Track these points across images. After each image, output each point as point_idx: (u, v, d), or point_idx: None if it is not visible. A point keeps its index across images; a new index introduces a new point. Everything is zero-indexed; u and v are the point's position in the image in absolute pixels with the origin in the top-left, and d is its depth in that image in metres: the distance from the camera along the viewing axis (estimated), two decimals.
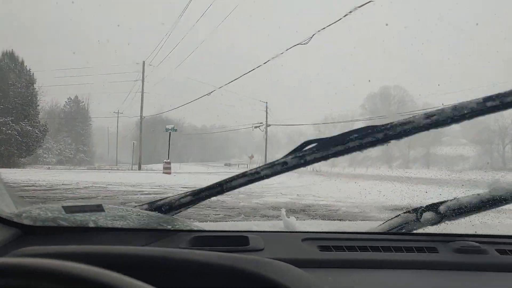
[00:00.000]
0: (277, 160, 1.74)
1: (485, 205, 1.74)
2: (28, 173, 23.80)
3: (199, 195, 1.83)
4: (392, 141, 1.75)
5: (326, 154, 1.69)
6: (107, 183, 17.47)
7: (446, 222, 1.78)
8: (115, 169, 42.80)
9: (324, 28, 13.79)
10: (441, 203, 1.82)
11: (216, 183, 1.81)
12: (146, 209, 1.82)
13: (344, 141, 1.68)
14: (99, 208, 1.76)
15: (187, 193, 1.83)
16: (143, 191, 14.37)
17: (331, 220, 8.05)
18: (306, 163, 1.69)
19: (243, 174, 1.78)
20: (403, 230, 1.85)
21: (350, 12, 11.66)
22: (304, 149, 1.74)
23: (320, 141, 1.74)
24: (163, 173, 27.44)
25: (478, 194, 1.76)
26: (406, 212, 1.87)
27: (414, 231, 1.83)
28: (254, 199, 12.02)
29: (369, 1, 11.00)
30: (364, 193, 12.85)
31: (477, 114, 1.63)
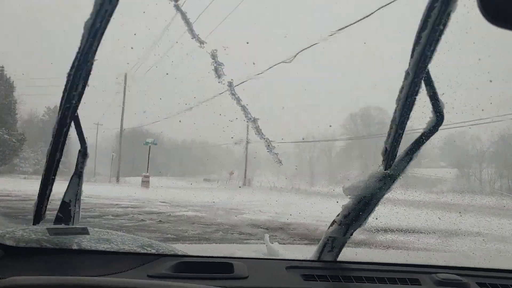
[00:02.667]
0: None
1: None
2: (3, 183, 23.40)
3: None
4: (371, 161, 1.78)
5: None
6: (84, 195, 17.22)
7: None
8: (92, 181, 42.36)
9: (307, 47, 13.92)
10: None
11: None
12: None
13: None
14: (83, 231, 1.73)
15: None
16: (120, 204, 14.21)
17: (310, 239, 8.04)
18: None
19: None
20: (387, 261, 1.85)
21: (332, 34, 11.80)
22: None
23: None
24: (142, 186, 27.23)
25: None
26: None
27: (398, 262, 1.83)
28: (232, 216, 11.97)
29: (352, 23, 11.14)
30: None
31: None
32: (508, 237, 10.64)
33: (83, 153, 2.24)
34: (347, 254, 1.85)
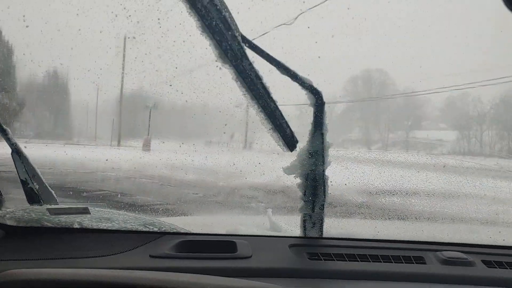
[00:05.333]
0: None
1: None
2: (4, 147, 23.39)
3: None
4: (372, 123, 1.78)
5: None
6: (86, 159, 17.28)
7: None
8: (93, 145, 42.34)
9: (309, 9, 13.75)
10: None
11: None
12: None
13: None
14: (84, 211, 1.72)
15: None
16: (122, 167, 14.24)
17: None
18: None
19: None
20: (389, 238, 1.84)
21: None
22: None
23: None
24: (143, 150, 27.24)
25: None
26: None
27: (401, 238, 1.83)
28: (233, 179, 12.01)
29: None
30: (344, 175, 12.92)
31: None
32: (507, 199, 10.70)
33: (1, 129, 2.17)
34: (349, 228, 1.85)
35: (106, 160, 17.37)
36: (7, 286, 0.93)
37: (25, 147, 2.40)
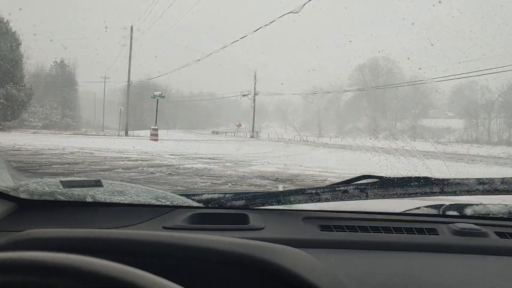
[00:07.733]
0: (337, 186, 1.77)
1: None
2: (13, 137, 23.58)
3: (254, 201, 1.81)
4: (379, 111, 1.77)
5: (386, 193, 1.75)
6: (94, 149, 17.36)
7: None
8: (101, 135, 42.54)
9: None
10: (467, 205, 1.84)
11: (273, 193, 1.81)
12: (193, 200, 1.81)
13: (403, 185, 1.75)
14: (97, 183, 1.74)
15: (241, 195, 1.82)
16: (130, 157, 14.29)
17: None
18: (367, 197, 1.75)
19: (302, 192, 1.78)
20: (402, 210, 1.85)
21: None
22: (361, 181, 1.83)
23: (379, 179, 1.81)
24: (150, 139, 27.34)
25: (506, 205, 1.80)
26: (428, 206, 1.88)
27: (414, 211, 1.84)
28: (241, 168, 12.04)
29: None
30: (351, 163, 12.91)
31: None
32: None
33: None
34: (362, 205, 1.86)
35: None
36: (26, 244, 0.94)
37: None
